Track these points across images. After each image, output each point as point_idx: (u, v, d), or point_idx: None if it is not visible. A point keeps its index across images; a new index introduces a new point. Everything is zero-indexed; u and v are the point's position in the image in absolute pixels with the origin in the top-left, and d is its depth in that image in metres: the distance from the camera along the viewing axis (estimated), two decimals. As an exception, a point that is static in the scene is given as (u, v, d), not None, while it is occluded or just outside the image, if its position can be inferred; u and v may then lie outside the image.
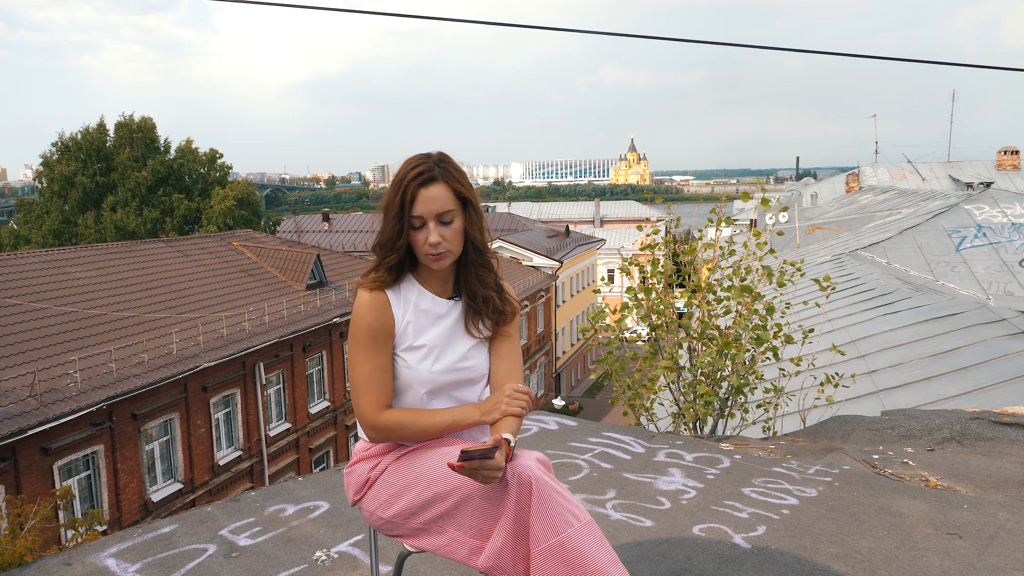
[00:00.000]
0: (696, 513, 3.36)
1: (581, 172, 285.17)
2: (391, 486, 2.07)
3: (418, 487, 2.01)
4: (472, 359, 2.13)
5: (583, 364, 49.18)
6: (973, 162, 38.64)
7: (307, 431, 22.35)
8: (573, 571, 1.77)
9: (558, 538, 1.79)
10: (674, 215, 6.30)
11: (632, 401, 5.39)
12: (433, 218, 2.01)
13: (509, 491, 1.85)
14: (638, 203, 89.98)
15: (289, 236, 41.68)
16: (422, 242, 2.03)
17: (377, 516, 2.10)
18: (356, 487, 2.15)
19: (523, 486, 1.84)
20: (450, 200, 2.02)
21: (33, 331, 15.95)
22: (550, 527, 1.80)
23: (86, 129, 36.70)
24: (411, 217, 2.01)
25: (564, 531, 1.80)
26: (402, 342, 2.09)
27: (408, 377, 2.08)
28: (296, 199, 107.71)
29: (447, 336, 2.12)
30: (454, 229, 2.03)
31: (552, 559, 1.79)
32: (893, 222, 20.57)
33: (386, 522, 2.09)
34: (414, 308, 2.10)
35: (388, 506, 2.06)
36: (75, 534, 8.64)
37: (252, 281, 23.38)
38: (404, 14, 5.47)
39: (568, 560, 1.78)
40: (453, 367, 2.10)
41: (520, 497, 1.84)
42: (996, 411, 4.80)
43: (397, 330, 2.09)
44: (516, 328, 2.24)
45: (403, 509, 2.03)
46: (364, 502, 2.14)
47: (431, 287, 2.13)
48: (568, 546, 1.79)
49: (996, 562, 2.86)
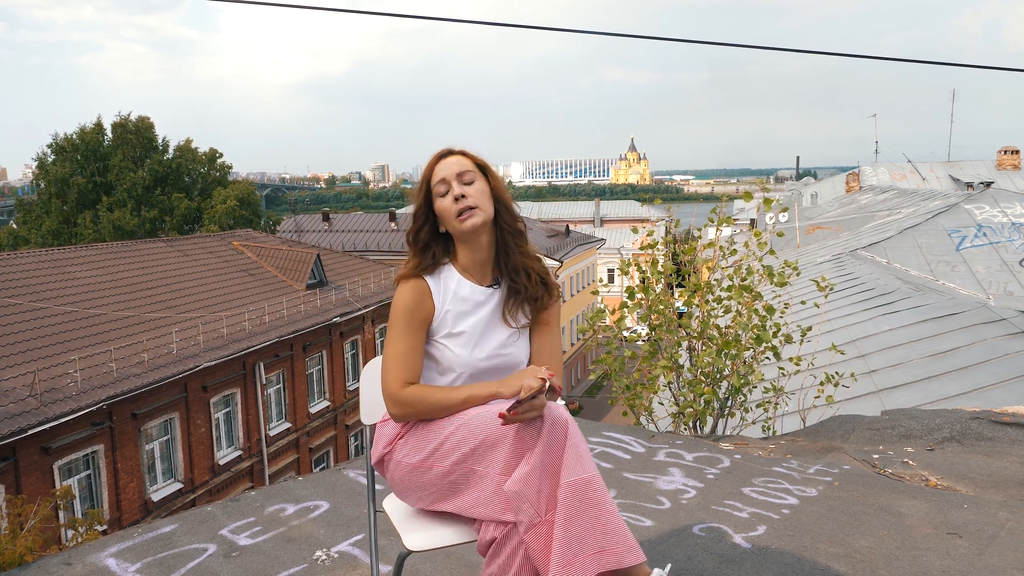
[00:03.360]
0: (696, 513, 3.36)
1: (581, 172, 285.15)
2: (423, 431, 2.09)
3: (450, 427, 2.04)
4: (511, 347, 2.18)
5: (583, 364, 49.19)
6: (973, 162, 38.63)
7: (307, 431, 22.35)
8: (593, 507, 1.87)
9: (588, 475, 1.89)
10: (674, 215, 6.30)
11: (631, 401, 5.39)
12: (454, 178, 2.12)
13: (543, 428, 1.92)
14: (638, 203, 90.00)
15: (289, 236, 41.67)
16: (449, 205, 2.10)
17: (405, 464, 2.10)
18: (387, 439, 2.17)
19: (558, 424, 1.93)
20: (468, 164, 2.15)
21: (33, 331, 15.95)
22: (580, 464, 1.90)
23: (82, 129, 36.62)
24: (434, 187, 2.13)
25: (592, 470, 1.91)
26: (441, 329, 2.13)
27: (451, 361, 2.13)
28: (296, 199, 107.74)
29: (486, 324, 2.16)
30: (478, 187, 2.12)
31: (579, 492, 1.87)
32: (893, 222, 20.57)
33: (412, 469, 2.08)
34: (454, 296, 2.15)
35: (419, 450, 2.08)
36: (75, 534, 8.65)
37: (252, 281, 23.38)
38: (407, 14, 5.47)
39: (591, 497, 1.88)
40: (494, 354, 2.15)
41: (555, 434, 1.92)
42: (996, 411, 4.80)
43: (436, 317, 2.13)
44: (556, 314, 2.28)
45: (434, 450, 2.05)
46: (393, 452, 2.15)
47: (471, 275, 2.18)
48: (593, 484, 1.90)
49: (996, 562, 2.86)
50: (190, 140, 39.04)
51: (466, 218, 2.09)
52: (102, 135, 36.80)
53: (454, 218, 2.10)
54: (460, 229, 2.11)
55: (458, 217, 2.10)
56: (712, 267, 5.59)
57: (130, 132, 36.66)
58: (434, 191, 2.14)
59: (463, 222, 2.10)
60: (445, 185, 2.12)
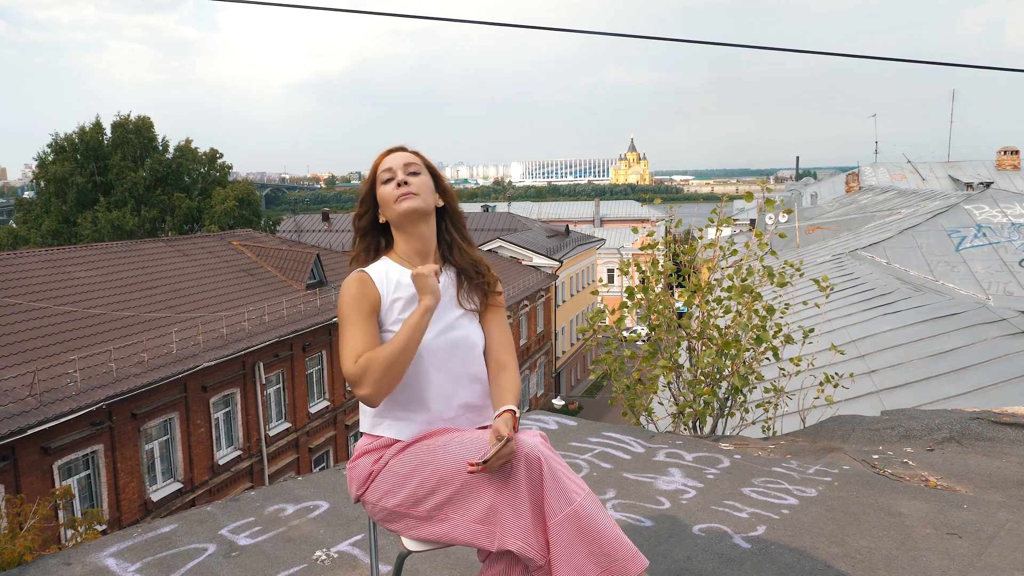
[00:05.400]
0: (696, 513, 3.36)
1: (581, 172, 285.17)
2: (395, 476, 2.09)
3: (422, 474, 2.04)
4: (462, 328, 2.19)
5: (583, 364, 49.17)
6: (973, 162, 38.64)
7: (307, 431, 22.35)
8: (586, 536, 1.86)
9: (572, 508, 1.88)
10: (674, 215, 6.30)
11: (631, 401, 5.39)
12: (400, 168, 2.20)
13: (519, 471, 1.91)
14: (638, 203, 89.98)
15: (289, 235, 41.68)
16: (391, 191, 2.17)
17: (381, 507, 2.11)
18: (359, 481, 2.16)
19: (533, 465, 1.91)
20: (416, 160, 2.24)
21: (33, 331, 15.95)
22: (563, 498, 1.89)
23: (82, 129, 36.59)
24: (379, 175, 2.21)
25: (575, 500, 1.89)
26: (389, 317, 2.15)
27: None
28: (296, 198, 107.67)
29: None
30: (422, 180, 2.20)
31: (568, 527, 1.87)
32: (893, 222, 20.57)
33: (390, 512, 2.10)
34: (397, 284, 2.18)
35: (392, 495, 2.08)
36: (75, 533, 8.64)
37: (252, 281, 23.38)
38: (408, 14, 5.46)
39: (582, 527, 1.87)
40: (445, 331, 2.15)
41: (532, 475, 1.91)
42: (996, 411, 4.80)
43: (383, 307, 2.15)
44: (502, 302, 2.33)
45: (407, 497, 2.05)
46: (368, 495, 2.15)
47: (411, 264, 2.22)
48: (581, 514, 1.88)
49: (996, 562, 2.86)
50: (190, 140, 39.04)
51: (401, 199, 2.15)
52: (101, 135, 36.77)
53: (392, 202, 2.17)
54: (396, 211, 2.17)
55: (395, 201, 2.16)
56: (712, 267, 5.59)
57: (130, 132, 36.63)
58: (378, 178, 2.22)
59: (399, 203, 2.15)
60: (390, 173, 2.20)
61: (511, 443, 1.89)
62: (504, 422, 1.97)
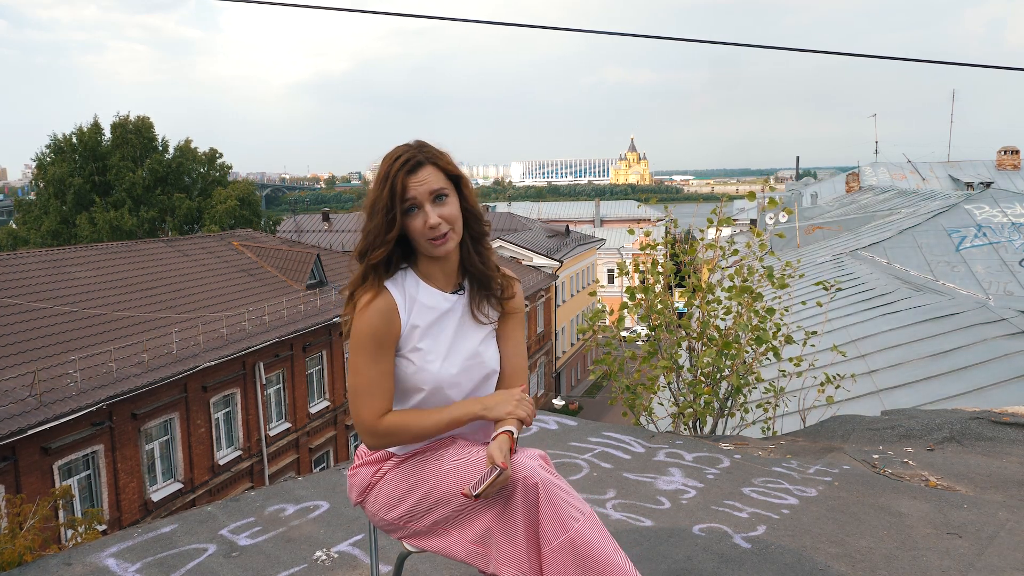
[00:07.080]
0: (696, 513, 3.36)
1: (581, 172, 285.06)
2: (394, 490, 2.07)
3: (421, 491, 2.01)
4: (482, 355, 2.08)
5: (583, 364, 49.17)
6: (973, 162, 38.61)
7: (307, 431, 22.34)
8: (583, 563, 1.81)
9: (568, 535, 1.82)
10: (672, 215, 6.30)
11: (631, 401, 5.39)
12: (428, 198, 1.94)
13: (516, 495, 1.86)
14: (638, 203, 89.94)
15: (289, 236, 41.67)
16: (421, 227, 1.94)
17: (380, 517, 2.11)
18: (359, 490, 2.15)
19: (530, 490, 1.85)
20: (441, 178, 1.96)
21: (33, 331, 15.95)
22: (559, 525, 1.83)
23: (80, 129, 36.57)
24: (403, 203, 1.93)
25: (572, 527, 1.83)
26: (407, 343, 2.01)
27: (416, 379, 2.01)
28: (296, 199, 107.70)
29: (455, 332, 2.05)
30: (451, 208, 1.96)
31: (563, 555, 1.82)
32: (893, 222, 20.57)
33: (389, 523, 2.10)
34: (419, 307, 2.02)
35: (391, 508, 2.07)
36: (75, 534, 8.64)
37: (252, 281, 23.38)
38: (410, 14, 5.47)
39: (578, 553, 1.81)
40: (465, 363, 2.05)
41: (528, 500, 1.85)
42: (996, 411, 4.80)
43: (403, 332, 2.00)
44: (520, 306, 2.18)
45: (405, 512, 2.04)
46: (367, 504, 2.15)
47: (435, 281, 2.05)
48: (577, 541, 1.82)
49: (996, 562, 2.86)
50: (190, 140, 39.03)
51: (440, 244, 1.96)
52: (100, 135, 36.75)
53: (425, 240, 1.96)
54: (433, 254, 1.99)
55: (431, 240, 1.96)
56: (712, 267, 5.59)
57: (129, 132, 36.62)
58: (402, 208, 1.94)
59: (437, 247, 1.96)
60: (415, 204, 1.94)
61: (505, 473, 1.83)
62: (499, 446, 1.87)
